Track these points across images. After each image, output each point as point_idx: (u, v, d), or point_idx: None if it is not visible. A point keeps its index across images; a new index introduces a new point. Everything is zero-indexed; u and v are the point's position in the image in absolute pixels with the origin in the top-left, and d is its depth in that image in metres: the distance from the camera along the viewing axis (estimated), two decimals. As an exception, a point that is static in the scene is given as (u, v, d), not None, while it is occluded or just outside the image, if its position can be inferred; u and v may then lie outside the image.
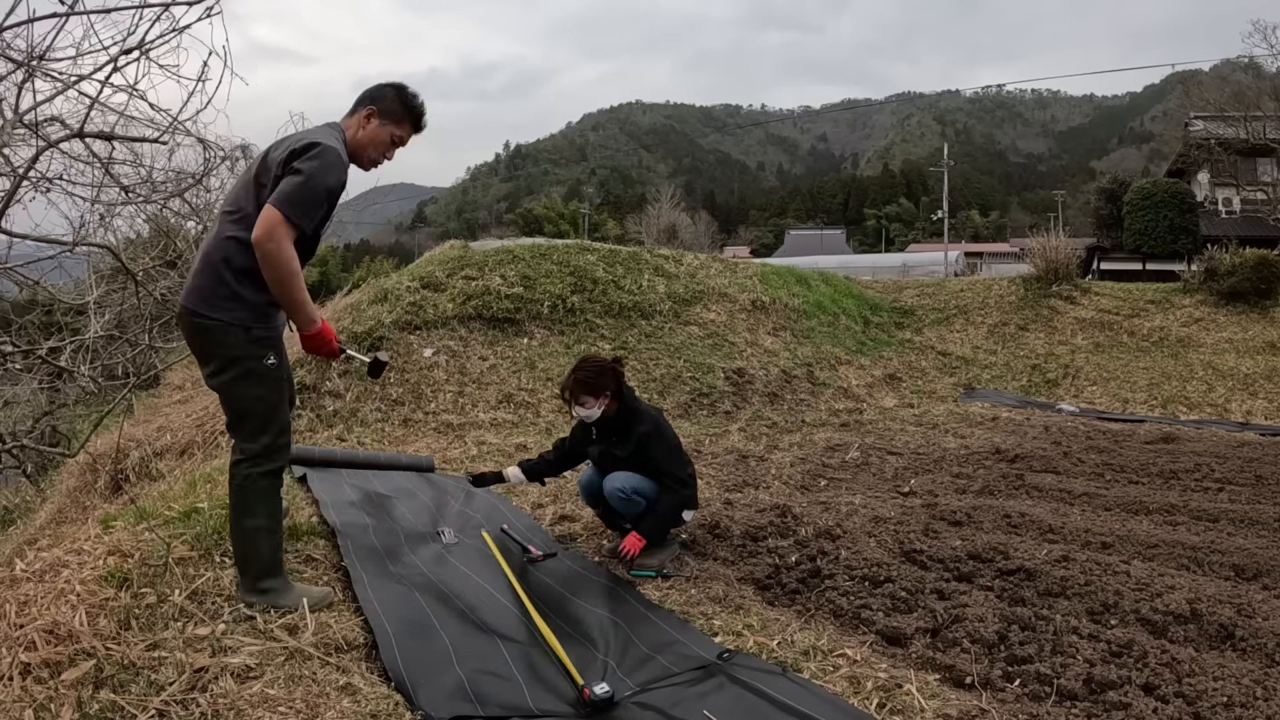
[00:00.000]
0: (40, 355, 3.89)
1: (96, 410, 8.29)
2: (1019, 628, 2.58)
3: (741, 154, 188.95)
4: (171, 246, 5.27)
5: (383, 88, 2.67)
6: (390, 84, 2.70)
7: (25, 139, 2.92)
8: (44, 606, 2.19)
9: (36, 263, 3.64)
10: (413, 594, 2.73)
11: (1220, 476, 5.24)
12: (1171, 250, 21.67)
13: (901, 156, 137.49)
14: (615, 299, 9.21)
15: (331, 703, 1.99)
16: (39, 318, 5.42)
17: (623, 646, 2.47)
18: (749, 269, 11.89)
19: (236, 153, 6.93)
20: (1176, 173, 26.15)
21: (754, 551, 3.47)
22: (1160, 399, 9.85)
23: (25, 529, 7.39)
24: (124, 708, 1.85)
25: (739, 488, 4.81)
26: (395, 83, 2.72)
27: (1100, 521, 4.07)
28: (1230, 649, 2.52)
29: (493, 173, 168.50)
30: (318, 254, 2.83)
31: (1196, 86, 27.16)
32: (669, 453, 3.36)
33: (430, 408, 6.85)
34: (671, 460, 3.35)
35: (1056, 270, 13.38)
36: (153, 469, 6.65)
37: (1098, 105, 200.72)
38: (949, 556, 3.32)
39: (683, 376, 8.24)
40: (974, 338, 12.15)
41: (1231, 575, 3.25)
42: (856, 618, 2.74)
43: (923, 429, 7.39)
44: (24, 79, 2.62)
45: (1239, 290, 12.10)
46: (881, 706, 2.10)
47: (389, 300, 8.27)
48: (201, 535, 2.98)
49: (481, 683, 2.19)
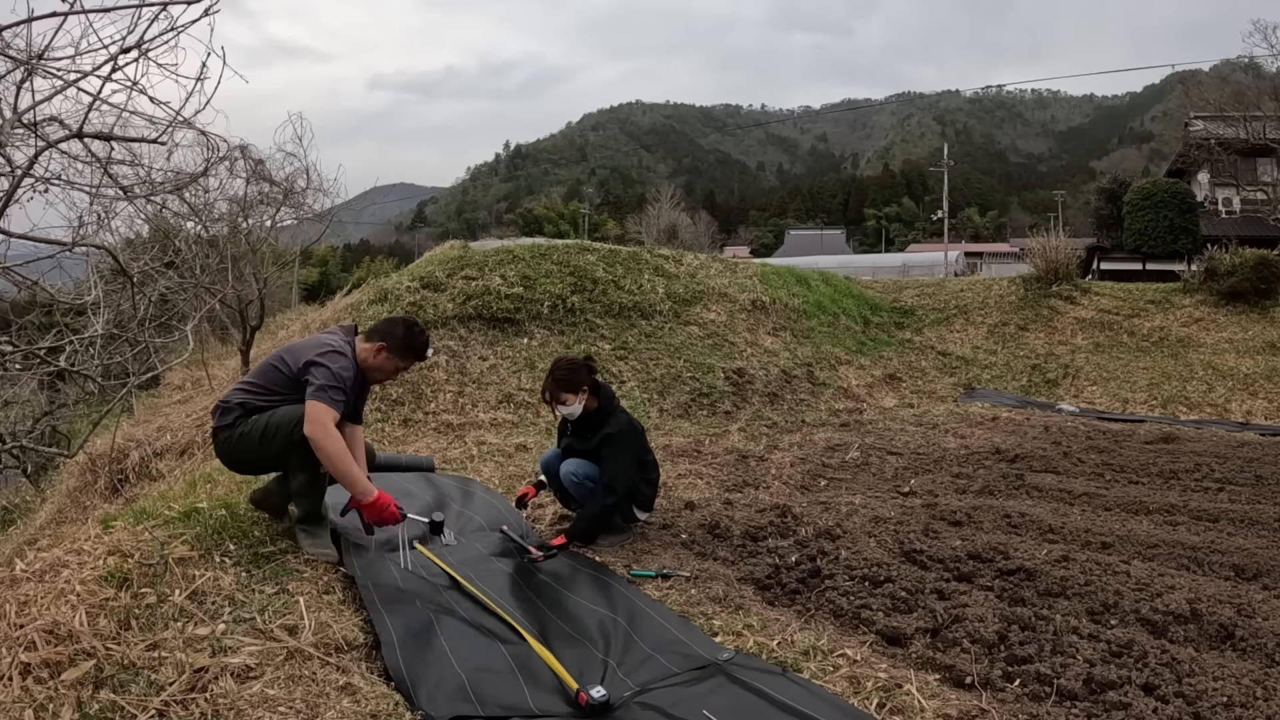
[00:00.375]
0: (40, 355, 3.88)
1: (96, 410, 8.29)
2: (1019, 628, 2.58)
3: (741, 154, 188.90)
4: (170, 246, 5.27)
5: (394, 324, 3.12)
6: (402, 321, 3.17)
7: (24, 139, 2.92)
8: (44, 606, 2.19)
9: (35, 263, 3.64)
10: (412, 594, 2.73)
11: (1220, 476, 5.23)
12: (1171, 250, 21.66)
13: (901, 156, 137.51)
14: (615, 299, 9.21)
15: (331, 703, 1.99)
16: (38, 318, 5.42)
17: (623, 646, 2.47)
18: (749, 269, 11.89)
19: (235, 152, 6.92)
20: (1176, 173, 26.15)
21: (754, 551, 3.47)
22: (1160, 399, 9.84)
23: (25, 529, 7.39)
24: (124, 708, 1.85)
25: (739, 488, 4.80)
26: (406, 319, 3.20)
27: (1100, 521, 4.07)
28: (1230, 649, 2.52)
29: (493, 173, 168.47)
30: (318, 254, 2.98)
31: (1196, 86, 27.15)
32: (619, 460, 3.52)
33: (430, 408, 6.86)
34: (617, 467, 3.50)
35: (1056, 270, 13.37)
36: (153, 469, 6.66)
37: (1098, 105, 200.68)
38: (949, 556, 3.32)
39: (683, 376, 8.24)
40: (974, 338, 12.15)
41: (1231, 575, 3.25)
42: (856, 618, 2.74)
43: (923, 429, 7.39)
44: (23, 78, 2.62)
45: (1239, 290, 12.09)
46: (881, 706, 2.10)
47: (389, 300, 8.27)
48: (201, 535, 2.98)
49: (481, 683, 2.19)
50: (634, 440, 3.66)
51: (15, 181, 2.77)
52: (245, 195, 8.23)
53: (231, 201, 8.22)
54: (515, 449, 5.66)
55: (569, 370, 3.55)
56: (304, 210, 9.41)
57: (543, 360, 7.81)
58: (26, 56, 2.61)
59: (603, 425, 3.58)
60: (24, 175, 2.78)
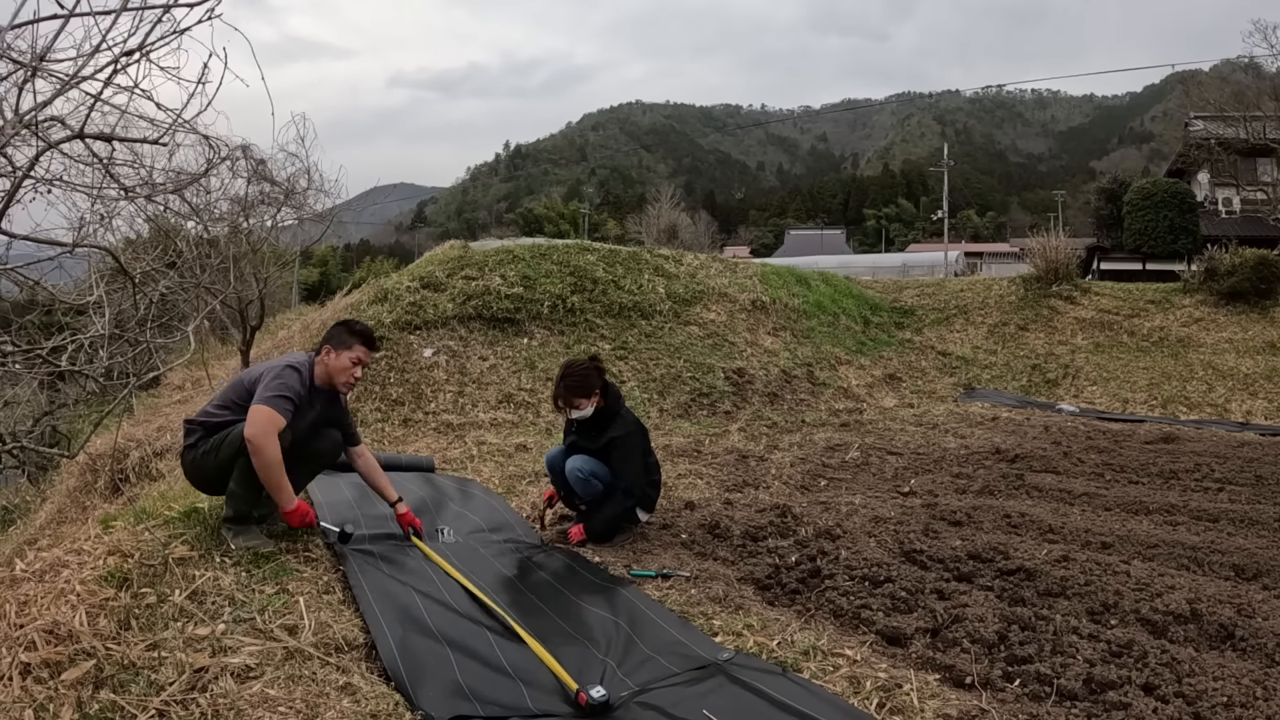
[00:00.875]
0: (41, 355, 3.88)
1: (96, 410, 8.30)
2: (1019, 628, 2.58)
3: (741, 154, 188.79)
4: (171, 247, 5.27)
5: (332, 327, 3.32)
6: (337, 322, 3.38)
7: (26, 139, 2.92)
8: (44, 606, 2.19)
9: (36, 264, 3.64)
10: (411, 594, 2.73)
11: (1220, 476, 5.23)
12: (1171, 250, 21.65)
13: (901, 156, 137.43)
14: (615, 299, 9.21)
15: (331, 703, 1.99)
16: (39, 318, 5.43)
17: (623, 647, 2.47)
18: (749, 269, 11.89)
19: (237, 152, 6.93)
20: (1176, 173, 26.14)
21: (754, 551, 3.48)
22: (1160, 399, 9.85)
23: (25, 529, 7.39)
24: (124, 708, 1.85)
25: (739, 488, 4.81)
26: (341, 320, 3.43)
27: (1100, 521, 4.07)
28: (1230, 649, 2.52)
29: (493, 173, 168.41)
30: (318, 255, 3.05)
31: (1196, 86, 27.12)
32: (629, 462, 3.58)
33: (430, 408, 6.86)
34: (628, 469, 3.56)
35: (1056, 270, 13.37)
36: (153, 469, 6.66)
37: (1098, 105, 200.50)
38: (949, 556, 3.33)
39: (683, 376, 8.24)
40: (974, 338, 12.15)
41: (1231, 575, 3.25)
42: (856, 618, 2.74)
43: (923, 429, 7.39)
44: (24, 79, 2.62)
45: (1239, 290, 12.09)
46: (881, 706, 2.10)
47: (389, 300, 8.28)
48: (201, 535, 2.98)
49: (481, 683, 2.19)
50: (641, 441, 3.71)
51: (16, 182, 2.77)
52: (246, 195, 8.23)
53: (233, 201, 8.22)
54: (515, 449, 5.66)
55: (582, 376, 3.61)
56: (305, 210, 9.40)
57: (543, 360, 7.81)
58: (29, 58, 2.61)
59: (609, 425, 3.63)
60: (24, 176, 2.78)
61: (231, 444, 2.97)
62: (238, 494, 3.01)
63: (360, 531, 3.32)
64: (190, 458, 3.11)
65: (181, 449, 3.18)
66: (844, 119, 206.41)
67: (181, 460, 3.20)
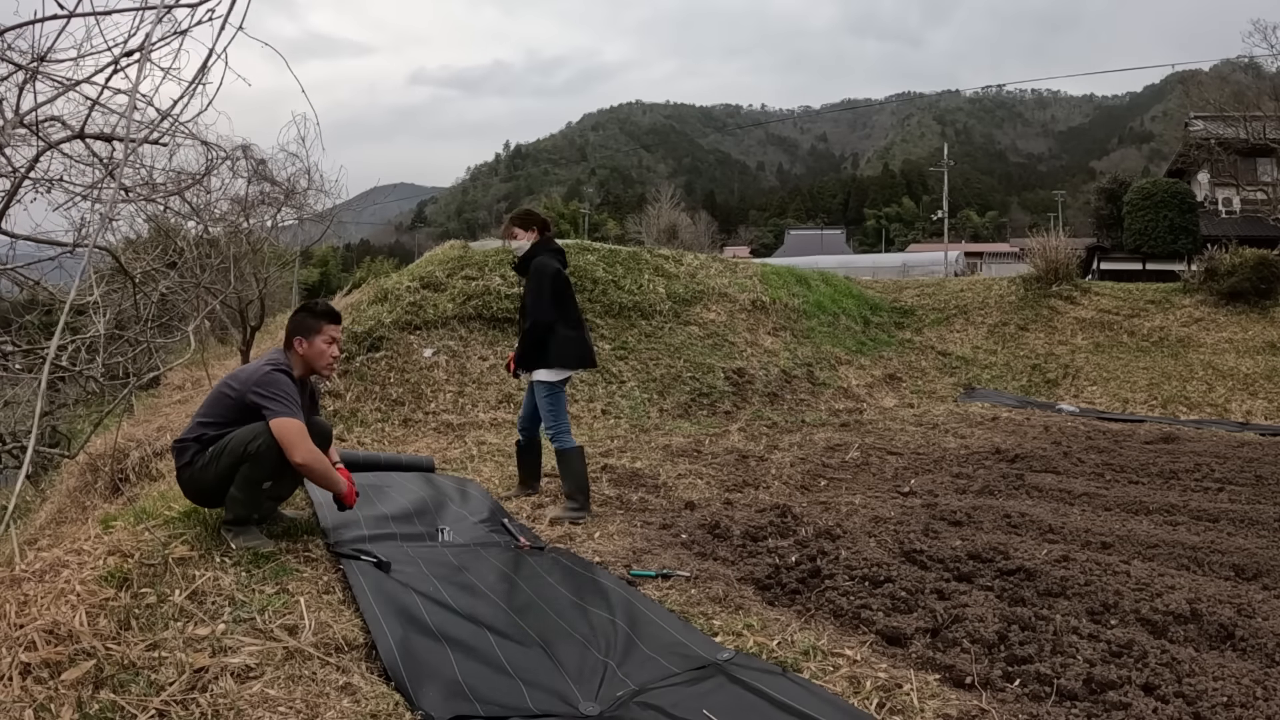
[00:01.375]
0: (42, 355, 3.89)
1: (96, 410, 8.29)
2: (1019, 628, 2.58)
3: (741, 154, 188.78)
4: (172, 247, 5.27)
5: (292, 320, 3.34)
6: (295, 312, 3.41)
7: (26, 139, 2.92)
8: (44, 606, 2.19)
9: (37, 264, 3.65)
10: (411, 594, 2.73)
11: (1220, 476, 5.24)
12: (1171, 250, 21.66)
13: (901, 156, 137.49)
14: (615, 299, 9.21)
15: (331, 703, 1.99)
16: (39, 318, 5.43)
17: (623, 647, 2.47)
18: (749, 269, 11.89)
19: (237, 152, 6.92)
20: (1176, 173, 26.14)
21: (754, 551, 3.48)
22: (1160, 399, 9.85)
23: (25, 529, 7.39)
24: (124, 708, 1.85)
25: (739, 488, 4.81)
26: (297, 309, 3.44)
27: (1100, 521, 4.07)
28: (1230, 649, 2.52)
29: (493, 173, 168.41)
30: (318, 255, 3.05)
31: (1196, 86, 27.12)
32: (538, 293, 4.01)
33: (430, 408, 6.86)
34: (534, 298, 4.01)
35: (1056, 270, 13.38)
36: (153, 469, 6.66)
37: (1098, 105, 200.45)
38: (949, 556, 3.32)
39: (683, 376, 8.24)
40: (974, 338, 12.15)
41: (1231, 575, 3.25)
42: (856, 618, 2.74)
43: (923, 429, 7.39)
44: (25, 80, 2.62)
45: (1239, 290, 12.09)
46: (881, 706, 2.10)
47: (389, 300, 8.28)
48: (201, 535, 2.98)
49: (481, 683, 2.19)
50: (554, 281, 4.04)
51: (17, 182, 2.77)
52: (247, 195, 8.22)
53: (233, 201, 8.22)
54: (515, 449, 5.65)
55: (526, 213, 4.30)
56: (305, 210, 9.40)
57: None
58: (29, 59, 2.62)
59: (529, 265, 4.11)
60: (24, 176, 2.78)
61: (231, 453, 2.99)
62: (239, 499, 3.04)
63: (360, 532, 3.32)
64: (188, 474, 3.11)
65: (177, 468, 3.18)
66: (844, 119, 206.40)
67: (179, 479, 3.20)
